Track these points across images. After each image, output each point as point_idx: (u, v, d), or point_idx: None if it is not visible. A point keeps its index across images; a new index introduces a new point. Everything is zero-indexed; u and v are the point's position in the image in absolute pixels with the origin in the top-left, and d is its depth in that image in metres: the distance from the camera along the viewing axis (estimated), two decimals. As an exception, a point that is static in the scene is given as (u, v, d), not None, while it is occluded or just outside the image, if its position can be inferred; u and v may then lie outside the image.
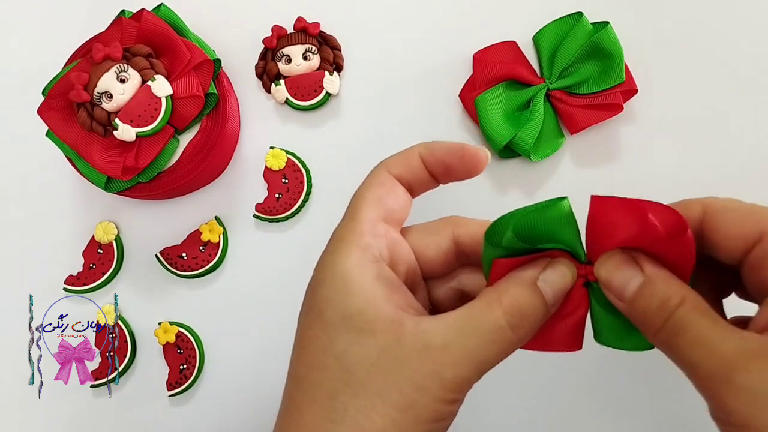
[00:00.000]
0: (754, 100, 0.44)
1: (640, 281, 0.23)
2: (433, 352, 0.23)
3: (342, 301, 0.24)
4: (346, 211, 0.28)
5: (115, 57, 0.39)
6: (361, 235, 0.26)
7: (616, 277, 0.23)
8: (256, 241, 0.45)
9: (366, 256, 0.25)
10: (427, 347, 0.23)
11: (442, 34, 0.46)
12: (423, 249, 0.28)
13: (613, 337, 0.25)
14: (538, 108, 0.42)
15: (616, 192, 0.33)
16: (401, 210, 0.28)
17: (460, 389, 0.23)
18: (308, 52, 0.45)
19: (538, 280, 0.24)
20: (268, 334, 0.44)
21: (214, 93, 0.41)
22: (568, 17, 0.44)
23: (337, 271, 0.25)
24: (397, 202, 0.28)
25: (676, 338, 0.22)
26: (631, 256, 0.23)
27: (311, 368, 0.24)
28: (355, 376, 0.23)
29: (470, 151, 0.27)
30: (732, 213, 0.24)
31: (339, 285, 0.24)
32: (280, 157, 0.44)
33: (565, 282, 0.24)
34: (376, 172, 0.28)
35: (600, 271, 0.24)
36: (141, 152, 0.40)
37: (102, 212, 0.46)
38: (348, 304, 0.24)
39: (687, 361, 0.22)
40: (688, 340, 0.21)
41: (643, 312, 0.22)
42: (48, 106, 0.40)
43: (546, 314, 0.24)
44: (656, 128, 0.44)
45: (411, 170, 0.28)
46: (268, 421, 0.26)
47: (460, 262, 0.29)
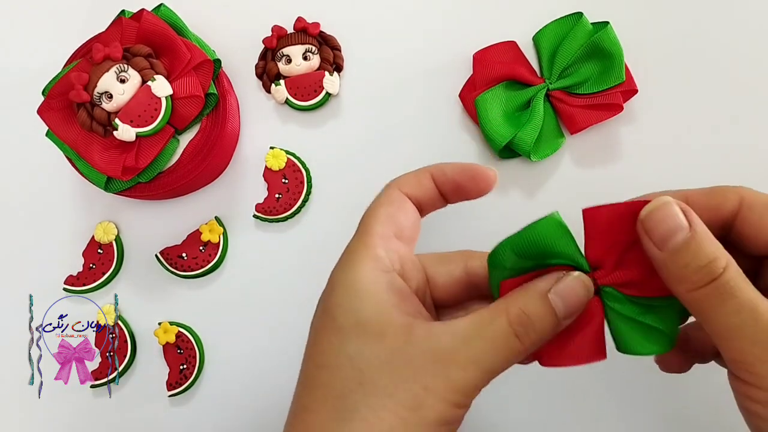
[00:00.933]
0: (755, 100, 0.44)
1: (687, 235, 0.22)
2: (441, 354, 0.23)
3: (354, 307, 0.25)
4: (358, 227, 0.28)
5: (115, 57, 0.39)
6: (373, 247, 0.26)
7: (661, 226, 0.23)
8: (256, 241, 0.45)
9: (377, 266, 0.26)
10: (435, 350, 0.24)
11: (442, 34, 0.46)
12: (434, 275, 0.29)
13: (633, 342, 0.25)
14: (538, 108, 0.42)
15: (616, 192, 0.33)
16: (412, 227, 0.29)
17: (466, 393, 0.24)
18: (308, 52, 0.45)
19: (549, 292, 0.24)
20: (268, 334, 0.44)
21: (214, 93, 0.41)
22: (568, 17, 0.44)
23: (349, 278, 0.26)
24: (408, 219, 0.28)
25: (721, 300, 0.22)
26: (679, 205, 0.23)
27: (323, 369, 0.25)
28: (368, 376, 0.24)
29: (481, 171, 0.28)
30: (760, 207, 0.25)
31: (351, 292, 0.25)
32: (280, 157, 0.45)
33: (577, 294, 0.25)
34: (388, 190, 0.29)
35: (644, 218, 0.23)
36: (141, 152, 0.40)
37: (102, 212, 0.46)
38: (360, 310, 0.25)
39: (727, 324, 0.22)
40: (735, 304, 0.22)
41: (685, 266, 0.22)
42: (48, 106, 0.40)
43: (556, 326, 0.25)
44: (656, 128, 0.44)
45: (422, 189, 0.29)
46: (268, 421, 0.26)
47: (470, 295, 0.30)
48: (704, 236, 0.22)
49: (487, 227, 0.44)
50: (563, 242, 0.25)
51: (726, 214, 0.25)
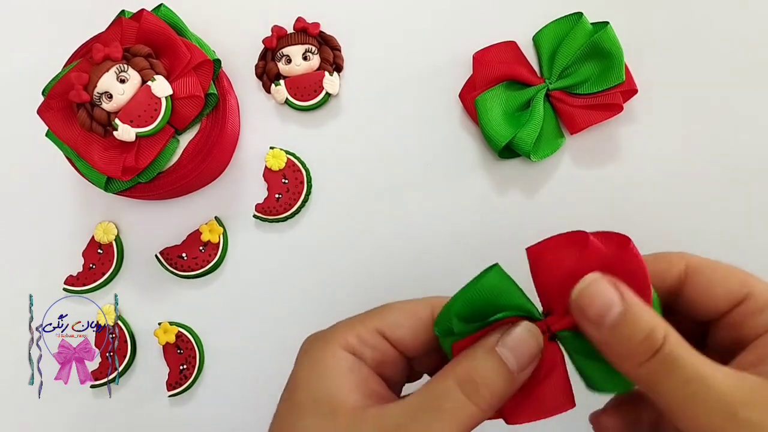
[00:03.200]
0: (754, 100, 0.44)
1: (621, 309, 0.22)
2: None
3: (313, 385, 0.25)
4: None
5: (115, 57, 0.39)
6: (347, 332, 0.26)
7: (594, 304, 0.22)
8: (256, 241, 0.45)
9: (344, 348, 0.26)
10: (385, 428, 0.23)
11: (442, 34, 0.46)
12: (401, 338, 0.27)
13: (599, 379, 0.24)
14: (538, 108, 0.42)
15: (616, 192, 0.33)
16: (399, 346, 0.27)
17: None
18: (308, 52, 0.45)
19: (496, 346, 0.24)
20: (268, 333, 0.44)
21: (214, 93, 0.41)
22: (568, 17, 0.44)
23: (316, 356, 0.26)
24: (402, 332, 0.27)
25: (667, 372, 0.21)
26: (609, 280, 0.22)
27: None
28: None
29: None
30: (717, 273, 0.25)
31: (314, 369, 0.25)
32: (280, 157, 0.44)
33: (527, 344, 0.24)
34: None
35: (575, 298, 0.23)
36: (141, 152, 0.40)
37: (102, 212, 0.46)
38: (319, 388, 0.25)
39: (678, 397, 0.21)
40: (683, 375, 0.21)
41: (626, 341, 0.22)
42: (48, 106, 0.40)
43: (511, 381, 0.24)
44: (656, 128, 0.44)
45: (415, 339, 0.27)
46: (267, 421, 0.26)
47: None
48: (638, 307, 0.22)
49: (488, 227, 0.44)
50: (509, 294, 0.24)
51: (672, 281, 0.25)
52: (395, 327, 0.26)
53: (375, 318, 0.26)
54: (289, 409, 0.25)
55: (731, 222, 0.43)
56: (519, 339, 0.24)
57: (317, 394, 0.24)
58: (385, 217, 0.45)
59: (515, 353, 0.23)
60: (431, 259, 0.44)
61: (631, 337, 0.21)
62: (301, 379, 0.25)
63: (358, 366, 0.26)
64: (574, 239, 0.23)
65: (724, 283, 0.24)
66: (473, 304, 0.24)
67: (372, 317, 0.27)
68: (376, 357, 0.26)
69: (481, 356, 0.24)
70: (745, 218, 0.43)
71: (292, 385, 0.26)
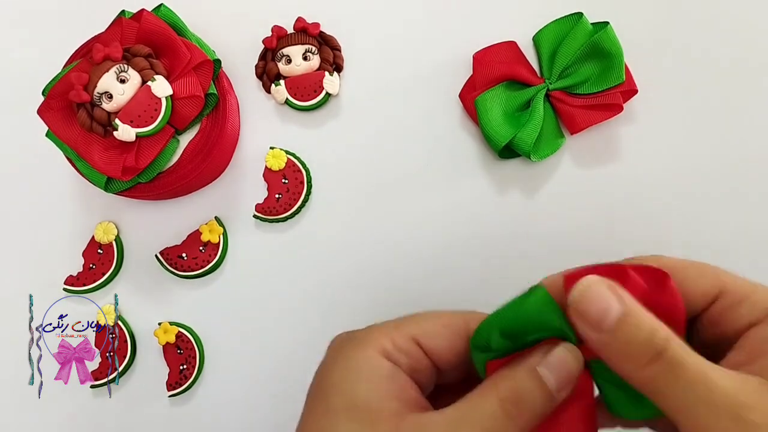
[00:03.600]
0: (754, 100, 0.44)
1: (621, 310, 0.22)
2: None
3: (349, 389, 0.24)
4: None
5: (115, 57, 0.39)
6: (383, 336, 0.26)
7: (594, 308, 0.22)
8: (256, 241, 0.45)
9: (381, 353, 0.25)
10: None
11: (442, 34, 0.46)
12: (436, 347, 0.27)
13: (624, 406, 0.24)
14: (538, 108, 0.42)
15: (615, 192, 0.33)
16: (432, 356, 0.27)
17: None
18: (308, 52, 0.45)
19: (538, 366, 0.24)
20: (268, 333, 0.44)
21: (214, 93, 0.41)
22: (568, 17, 0.44)
23: (351, 358, 0.25)
24: (437, 344, 0.27)
25: (671, 375, 0.21)
26: (608, 284, 0.22)
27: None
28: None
29: None
30: (690, 271, 0.25)
31: (350, 373, 0.25)
32: (280, 157, 0.45)
33: (568, 365, 0.24)
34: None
35: (574, 298, 0.22)
36: (141, 152, 0.40)
37: (102, 212, 0.46)
38: (355, 393, 0.24)
39: (683, 399, 0.21)
40: (687, 377, 0.21)
41: (627, 343, 0.21)
42: (48, 106, 0.40)
43: (550, 401, 0.23)
44: (656, 128, 0.44)
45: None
46: (267, 421, 0.26)
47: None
48: (638, 309, 0.22)
49: (488, 227, 0.44)
50: (551, 317, 0.24)
51: None
52: (431, 336, 0.26)
53: (410, 325, 0.26)
54: (323, 414, 0.24)
55: (731, 222, 0.43)
56: (560, 359, 0.24)
57: (355, 400, 0.24)
58: (385, 217, 0.45)
59: (556, 374, 0.23)
60: (431, 258, 0.44)
61: (632, 339, 0.21)
62: (335, 382, 0.25)
63: (397, 373, 0.25)
64: (613, 272, 0.23)
65: (697, 281, 0.24)
66: (515, 322, 0.24)
67: (407, 324, 0.26)
68: (411, 364, 0.26)
69: (523, 376, 0.23)
70: (745, 218, 0.43)
71: (324, 385, 0.25)
